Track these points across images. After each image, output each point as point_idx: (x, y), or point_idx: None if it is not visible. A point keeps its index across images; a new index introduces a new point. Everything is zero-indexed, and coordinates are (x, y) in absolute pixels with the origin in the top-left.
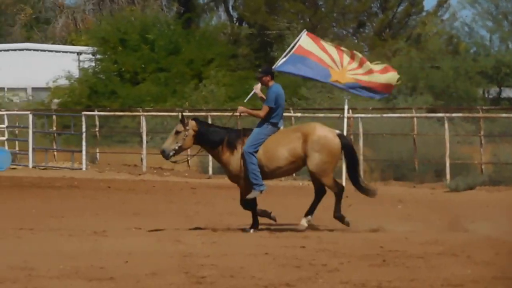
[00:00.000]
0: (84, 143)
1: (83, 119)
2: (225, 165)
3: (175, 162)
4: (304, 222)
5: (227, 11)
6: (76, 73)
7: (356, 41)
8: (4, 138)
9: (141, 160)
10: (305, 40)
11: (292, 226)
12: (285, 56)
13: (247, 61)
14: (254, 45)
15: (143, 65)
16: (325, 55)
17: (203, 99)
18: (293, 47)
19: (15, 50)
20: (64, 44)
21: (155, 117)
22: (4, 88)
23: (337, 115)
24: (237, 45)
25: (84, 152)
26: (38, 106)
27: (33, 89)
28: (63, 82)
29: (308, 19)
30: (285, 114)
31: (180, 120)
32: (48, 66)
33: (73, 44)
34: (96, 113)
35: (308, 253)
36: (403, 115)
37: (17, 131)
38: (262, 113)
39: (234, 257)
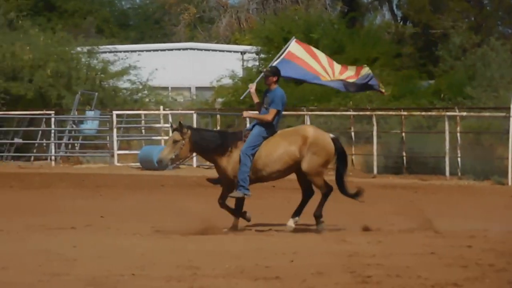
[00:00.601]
0: None
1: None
2: (224, 169)
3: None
4: (291, 223)
5: (391, 10)
6: (240, 72)
7: None
8: None
9: None
10: (294, 47)
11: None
12: (275, 61)
13: (411, 60)
14: (418, 44)
15: None
16: (315, 63)
17: (367, 98)
18: (283, 53)
19: (179, 49)
20: (228, 43)
21: (319, 116)
22: (168, 87)
23: (503, 114)
24: (401, 44)
25: None
26: (202, 106)
27: (197, 88)
28: (227, 81)
29: (473, 18)
30: (450, 113)
31: (176, 129)
32: (212, 65)
33: (237, 44)
34: None
35: (474, 253)
36: None
37: None
38: (269, 116)
39: (400, 256)
